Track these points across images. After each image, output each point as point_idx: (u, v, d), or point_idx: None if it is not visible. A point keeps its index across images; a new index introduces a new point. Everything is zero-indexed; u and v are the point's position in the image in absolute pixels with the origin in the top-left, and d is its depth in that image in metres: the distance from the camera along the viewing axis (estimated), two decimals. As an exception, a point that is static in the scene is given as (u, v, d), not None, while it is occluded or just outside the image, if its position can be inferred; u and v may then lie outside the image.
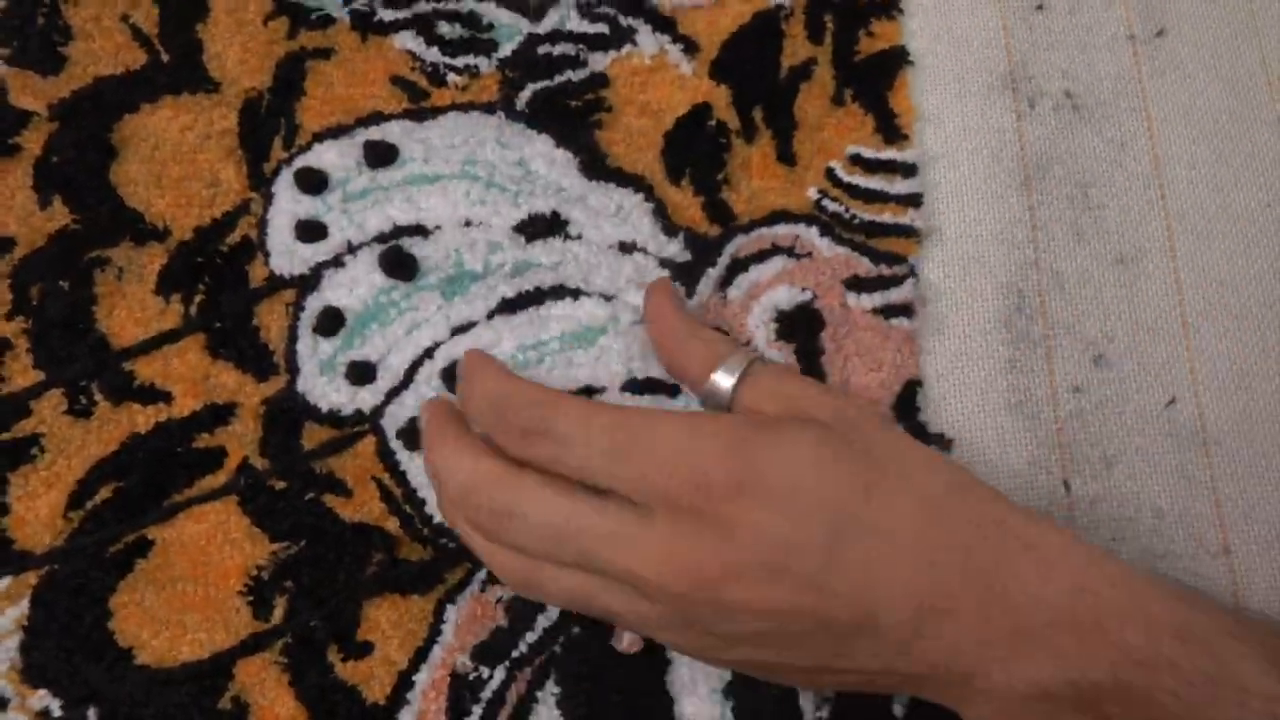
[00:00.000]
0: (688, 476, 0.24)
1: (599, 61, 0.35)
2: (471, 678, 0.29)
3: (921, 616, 0.24)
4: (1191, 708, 0.22)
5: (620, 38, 0.35)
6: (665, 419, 0.25)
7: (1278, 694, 0.22)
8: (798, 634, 0.24)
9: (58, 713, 0.28)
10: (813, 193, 0.33)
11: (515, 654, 0.29)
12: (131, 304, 0.32)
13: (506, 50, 0.35)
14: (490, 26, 0.35)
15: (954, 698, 0.25)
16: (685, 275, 0.32)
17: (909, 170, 0.34)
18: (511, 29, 0.35)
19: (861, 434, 0.26)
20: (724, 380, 0.28)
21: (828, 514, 0.24)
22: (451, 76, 0.34)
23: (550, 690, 0.29)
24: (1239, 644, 0.23)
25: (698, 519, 0.24)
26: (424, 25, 0.35)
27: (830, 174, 0.34)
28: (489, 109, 0.34)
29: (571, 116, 0.34)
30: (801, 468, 0.25)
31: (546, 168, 0.33)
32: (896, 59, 0.35)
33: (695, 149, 0.34)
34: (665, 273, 0.32)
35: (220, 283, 0.32)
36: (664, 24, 0.35)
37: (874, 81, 0.35)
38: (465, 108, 0.34)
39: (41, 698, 0.29)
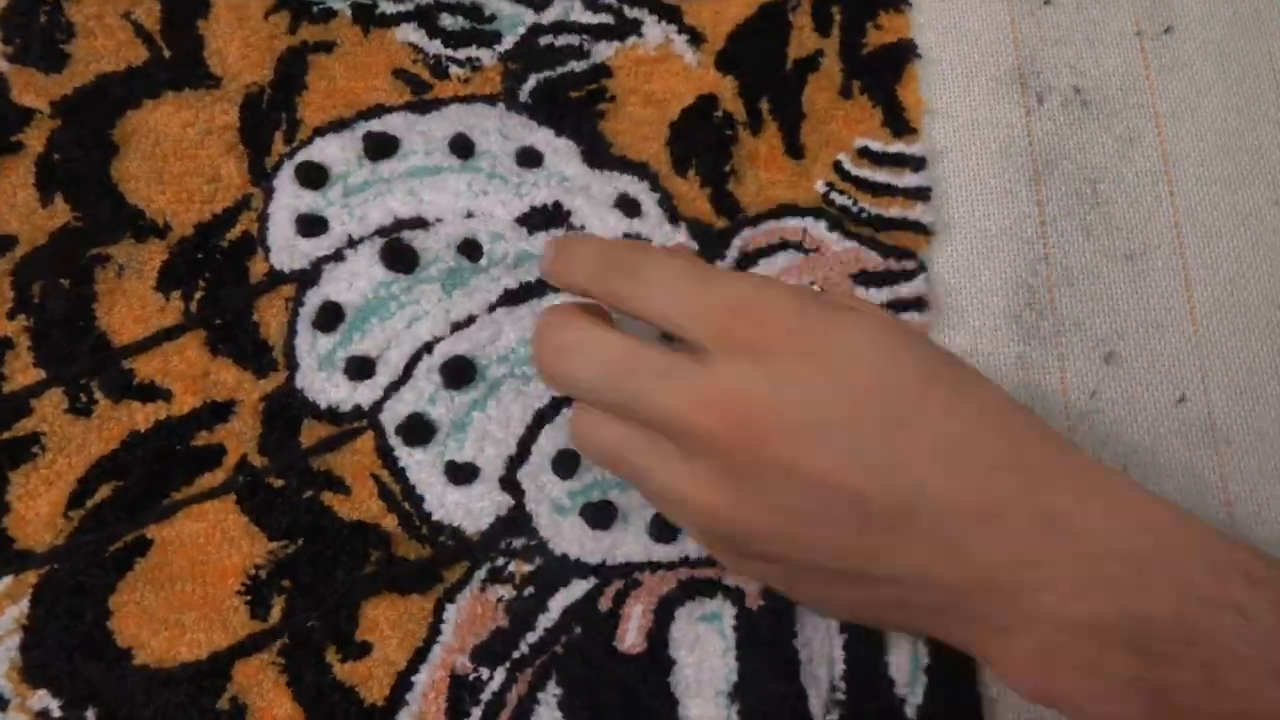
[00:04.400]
0: (754, 318, 0.24)
1: (602, 52, 0.34)
2: (471, 679, 0.29)
3: (969, 518, 0.22)
4: (1263, 650, 0.21)
5: (625, 28, 0.35)
6: (742, 274, 0.26)
7: None
8: (830, 516, 0.23)
9: (57, 713, 0.28)
10: (820, 186, 0.33)
11: (516, 655, 0.29)
12: (132, 301, 0.32)
13: (509, 42, 0.35)
14: (492, 18, 0.35)
15: (992, 627, 0.23)
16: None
17: (918, 164, 0.33)
18: (514, 19, 0.35)
19: (924, 339, 0.26)
20: None
21: (883, 396, 0.23)
22: (454, 69, 0.34)
23: (551, 692, 0.29)
24: None
25: (757, 363, 0.23)
26: (426, 17, 0.34)
27: (838, 167, 0.33)
28: (491, 101, 0.34)
29: (573, 106, 0.34)
30: (864, 345, 0.24)
31: (549, 156, 0.33)
32: (905, 52, 0.35)
33: (701, 140, 0.34)
34: None
35: (220, 279, 0.32)
36: (669, 14, 0.35)
37: (882, 74, 0.34)
38: (468, 100, 0.34)
39: (41, 697, 0.28)
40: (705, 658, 0.29)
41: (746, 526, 0.24)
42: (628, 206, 0.33)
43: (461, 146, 0.33)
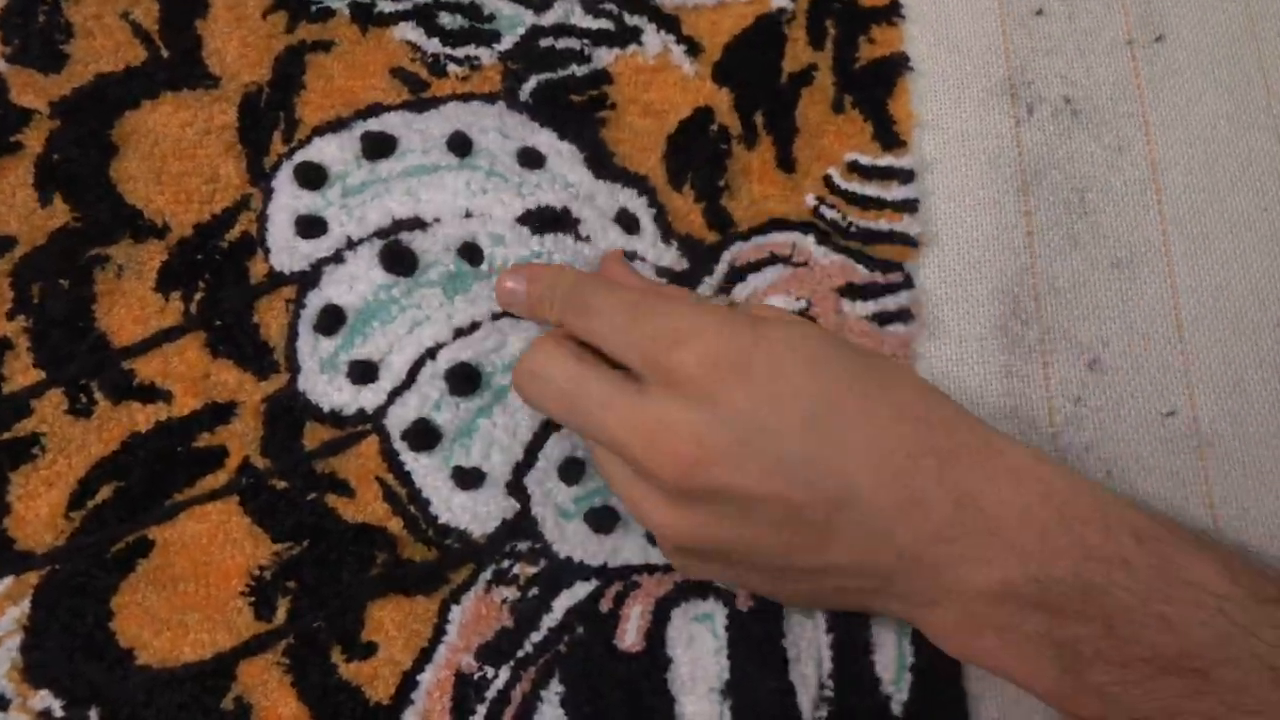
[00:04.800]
0: (681, 348, 0.26)
1: (603, 58, 0.35)
2: (476, 677, 0.29)
3: (893, 508, 0.25)
4: (1145, 601, 0.23)
5: (625, 35, 0.35)
6: (679, 300, 0.27)
7: (1230, 594, 0.23)
8: (766, 522, 0.25)
9: (59, 713, 0.28)
10: (810, 200, 0.34)
11: (520, 654, 0.29)
12: (131, 302, 0.32)
13: (508, 42, 0.35)
14: (491, 17, 0.35)
15: (921, 600, 0.26)
16: (683, 283, 0.33)
17: (906, 176, 0.34)
18: (513, 20, 0.35)
19: (844, 343, 0.28)
20: None
21: (804, 404, 0.25)
22: (452, 67, 0.34)
23: (554, 690, 0.29)
24: (1194, 549, 0.24)
25: (683, 392, 0.25)
26: (424, 16, 0.35)
27: (828, 181, 0.34)
28: (490, 99, 0.34)
29: (575, 111, 0.34)
30: (784, 358, 0.26)
31: (552, 158, 0.33)
32: (897, 65, 0.35)
33: (698, 154, 0.34)
34: (662, 281, 0.33)
35: (220, 280, 0.32)
36: (668, 22, 0.35)
37: (874, 88, 0.35)
38: (466, 98, 0.34)
39: (43, 698, 0.29)
40: (699, 656, 0.30)
41: (694, 538, 0.26)
42: (627, 222, 0.33)
43: (459, 144, 0.33)
